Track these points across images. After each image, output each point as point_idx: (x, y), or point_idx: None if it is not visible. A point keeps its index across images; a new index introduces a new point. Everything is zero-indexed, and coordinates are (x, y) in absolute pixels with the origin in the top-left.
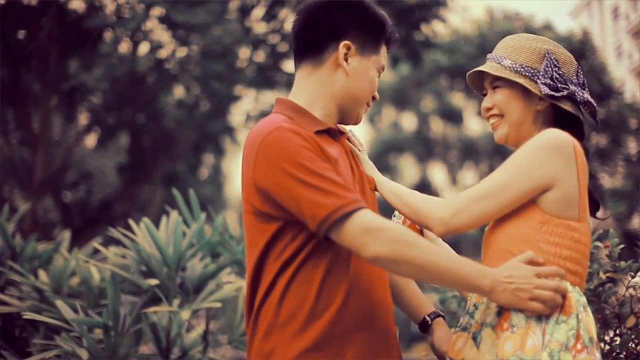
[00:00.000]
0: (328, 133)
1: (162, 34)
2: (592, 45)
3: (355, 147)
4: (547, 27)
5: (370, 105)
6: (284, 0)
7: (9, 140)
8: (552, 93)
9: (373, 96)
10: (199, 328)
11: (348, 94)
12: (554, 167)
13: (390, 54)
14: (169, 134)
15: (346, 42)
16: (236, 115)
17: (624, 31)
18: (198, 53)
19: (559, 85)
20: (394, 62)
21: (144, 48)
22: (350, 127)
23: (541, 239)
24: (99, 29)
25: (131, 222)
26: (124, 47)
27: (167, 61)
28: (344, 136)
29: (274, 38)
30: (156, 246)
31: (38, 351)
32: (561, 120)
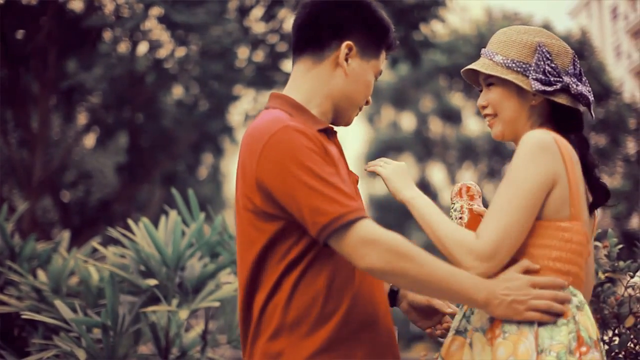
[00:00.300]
0: (326, 132)
1: (161, 34)
2: (591, 45)
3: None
4: (546, 27)
5: (361, 110)
6: (283, 0)
7: (8, 140)
8: (544, 88)
9: (367, 101)
10: (198, 328)
11: (344, 94)
12: (547, 169)
13: (390, 54)
14: (168, 133)
15: (349, 43)
16: (235, 115)
17: (623, 31)
18: (197, 53)
19: (551, 79)
20: (393, 62)
21: (142, 48)
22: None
23: (531, 243)
24: (98, 28)
25: (130, 222)
26: (123, 46)
27: (166, 61)
28: (335, 135)
29: (273, 38)
30: (155, 246)
31: (37, 351)
32: (558, 113)
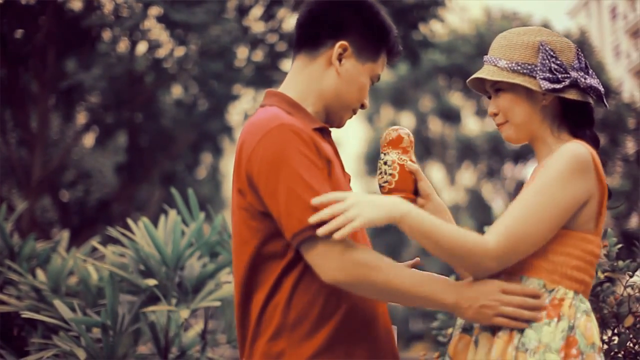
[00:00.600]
0: (321, 131)
1: (160, 33)
2: (590, 44)
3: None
4: (546, 27)
5: (355, 113)
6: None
7: (7, 139)
8: (554, 86)
9: (362, 104)
10: (198, 327)
11: (336, 95)
12: (583, 189)
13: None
14: (167, 133)
15: (343, 43)
16: (234, 115)
17: (622, 31)
18: (196, 52)
19: (559, 76)
20: None
21: (142, 47)
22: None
23: (552, 249)
24: (97, 28)
25: (130, 221)
26: (122, 46)
27: (165, 60)
28: (330, 134)
29: (272, 37)
30: (155, 246)
31: (36, 350)
32: (569, 110)
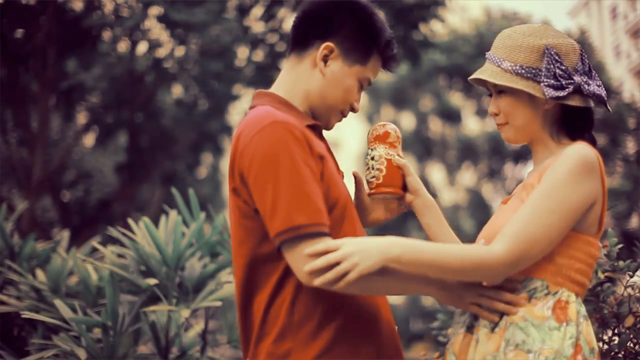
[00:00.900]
0: (314, 128)
1: (161, 33)
2: (590, 44)
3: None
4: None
5: (346, 116)
6: None
7: (7, 139)
8: (557, 94)
9: (352, 107)
10: (198, 327)
11: (320, 96)
12: (591, 191)
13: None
14: (167, 133)
15: (329, 44)
16: (235, 115)
17: (622, 31)
18: (196, 52)
19: (563, 82)
20: None
21: (142, 47)
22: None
23: (558, 251)
24: (98, 28)
25: (130, 221)
26: (122, 46)
27: (166, 60)
28: (321, 132)
29: (272, 37)
30: (155, 246)
31: (36, 350)
32: (570, 114)
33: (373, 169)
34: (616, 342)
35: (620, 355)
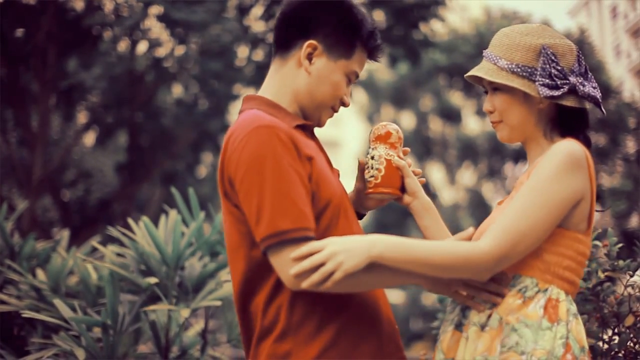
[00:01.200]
0: (303, 129)
1: (161, 33)
2: (590, 44)
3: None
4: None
5: (337, 111)
6: None
7: (7, 139)
8: (552, 93)
9: (343, 102)
10: (198, 327)
11: (309, 94)
12: (578, 186)
13: (389, 53)
14: (167, 132)
15: (312, 42)
16: (235, 114)
17: (622, 30)
18: (196, 51)
19: (558, 82)
20: (392, 61)
21: (142, 47)
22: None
23: (547, 248)
24: (98, 27)
25: (130, 221)
26: (122, 45)
27: (166, 60)
28: (312, 131)
29: (272, 37)
30: (155, 245)
31: (36, 350)
32: (564, 114)
33: (372, 168)
34: (616, 341)
35: (620, 355)
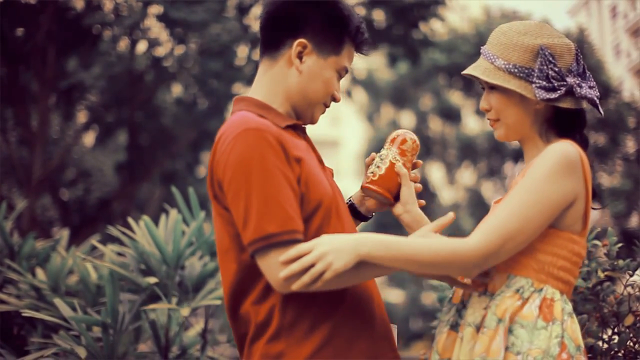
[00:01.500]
0: (294, 128)
1: (160, 32)
2: (590, 43)
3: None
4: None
5: (329, 106)
6: None
7: (7, 138)
8: (549, 96)
9: (334, 97)
10: (198, 326)
11: (301, 93)
12: (571, 188)
13: (389, 53)
14: (167, 132)
15: (301, 40)
16: None
17: (622, 30)
18: (196, 51)
19: (555, 84)
20: (392, 60)
21: (142, 46)
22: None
23: (540, 248)
24: (97, 27)
25: (130, 220)
26: (122, 45)
27: (165, 59)
28: (304, 130)
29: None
30: (155, 244)
31: (36, 349)
32: (561, 115)
33: (375, 165)
34: (616, 341)
35: (620, 354)
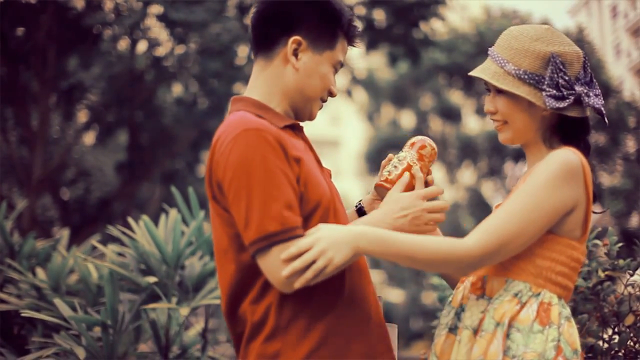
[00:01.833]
0: (292, 128)
1: (160, 32)
2: (590, 43)
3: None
4: (547, 25)
5: (325, 101)
6: None
7: (7, 138)
8: (558, 105)
9: (330, 92)
10: (198, 326)
11: (298, 90)
12: (571, 195)
13: (389, 52)
14: (167, 131)
15: (296, 38)
16: None
17: (622, 29)
18: (196, 51)
19: (564, 93)
20: (392, 59)
21: (142, 46)
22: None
23: (539, 253)
24: (98, 26)
25: (130, 220)
26: (122, 45)
27: (166, 59)
28: (302, 130)
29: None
30: (155, 244)
31: (36, 349)
32: (566, 122)
33: (392, 165)
34: (616, 340)
35: (620, 354)
